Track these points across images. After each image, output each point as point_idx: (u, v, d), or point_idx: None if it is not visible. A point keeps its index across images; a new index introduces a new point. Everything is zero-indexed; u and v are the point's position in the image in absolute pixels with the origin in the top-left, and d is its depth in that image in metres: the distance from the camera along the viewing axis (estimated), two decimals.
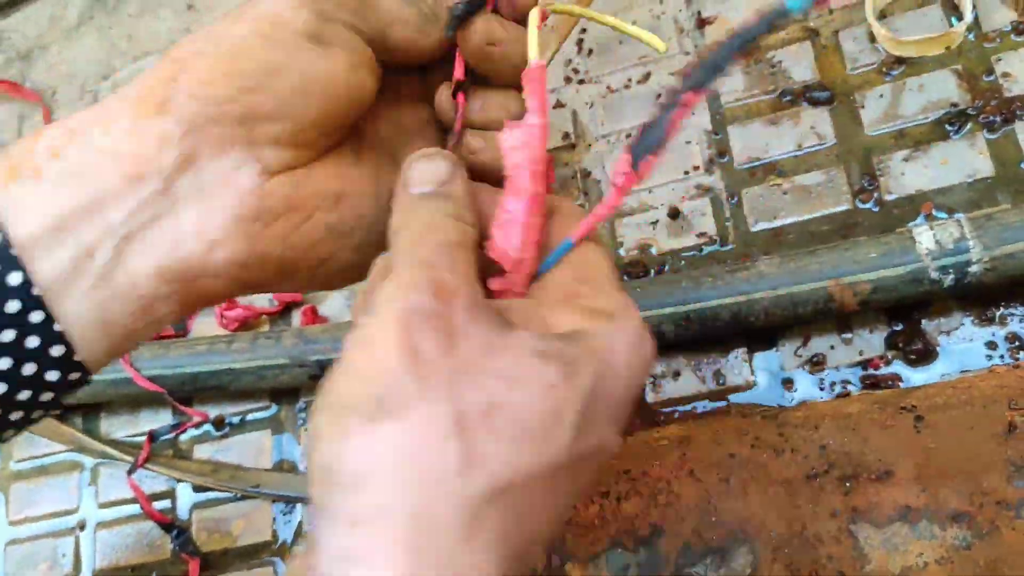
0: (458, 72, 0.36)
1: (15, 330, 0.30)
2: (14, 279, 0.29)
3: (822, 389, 0.52)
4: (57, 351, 0.31)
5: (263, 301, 0.66)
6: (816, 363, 0.52)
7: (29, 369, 0.31)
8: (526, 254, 0.33)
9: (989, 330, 0.50)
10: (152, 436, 0.64)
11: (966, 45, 0.56)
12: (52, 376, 0.31)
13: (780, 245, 0.56)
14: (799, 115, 0.58)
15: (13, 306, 0.30)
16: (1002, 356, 0.49)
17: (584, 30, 0.65)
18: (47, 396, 0.32)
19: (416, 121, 0.39)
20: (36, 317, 0.30)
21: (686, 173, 0.59)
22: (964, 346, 0.50)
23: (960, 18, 0.56)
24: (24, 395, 0.31)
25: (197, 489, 0.63)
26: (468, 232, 0.31)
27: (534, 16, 0.35)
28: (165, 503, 0.64)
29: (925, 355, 0.51)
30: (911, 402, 0.42)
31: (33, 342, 0.30)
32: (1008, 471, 0.37)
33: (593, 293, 0.31)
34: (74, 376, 0.32)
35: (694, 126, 0.60)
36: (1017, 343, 0.49)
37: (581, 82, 0.64)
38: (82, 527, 0.66)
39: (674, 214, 0.58)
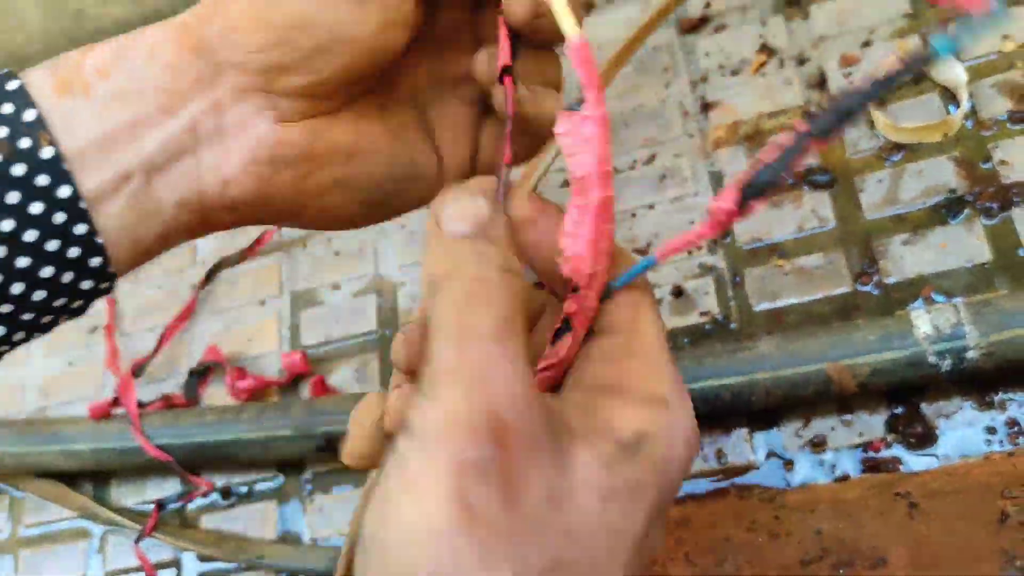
0: (504, 56, 0.33)
1: (59, 240, 0.31)
2: (63, 192, 0.31)
3: (823, 470, 0.52)
4: (95, 262, 0.32)
5: (273, 372, 0.67)
6: (817, 444, 0.53)
7: (67, 277, 0.32)
8: (599, 265, 0.29)
9: (988, 415, 0.50)
10: (160, 505, 0.65)
11: (964, 133, 0.57)
12: (86, 285, 0.33)
13: (782, 325, 0.56)
14: (800, 198, 0.59)
15: (60, 217, 0.31)
16: (1001, 441, 0.49)
17: None
18: (78, 303, 0.33)
19: (454, 73, 0.37)
20: (80, 229, 0.31)
21: (690, 253, 0.60)
22: (964, 431, 0.50)
23: (957, 106, 0.57)
24: (59, 302, 0.33)
25: (202, 559, 0.63)
26: (517, 286, 0.27)
27: None
28: (171, 572, 0.64)
29: (925, 439, 0.51)
30: (906, 488, 0.42)
31: (74, 252, 0.31)
32: (1001, 561, 0.37)
33: (646, 370, 0.28)
34: (104, 285, 0.33)
35: (698, 207, 0.61)
36: (1016, 428, 0.49)
37: None
38: None
39: (678, 293, 0.59)
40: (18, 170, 0.30)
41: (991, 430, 0.50)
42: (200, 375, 0.68)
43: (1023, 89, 0.56)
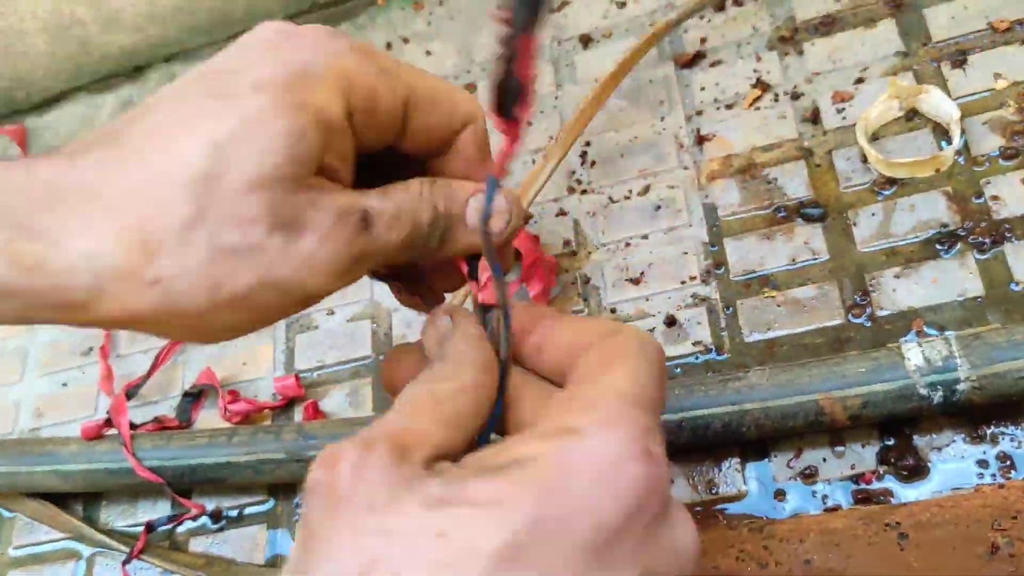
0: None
1: None
2: None
3: (814, 501, 0.52)
4: None
5: (267, 396, 0.67)
6: (808, 475, 0.52)
7: None
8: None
9: (980, 448, 0.50)
10: (149, 527, 0.64)
11: (956, 168, 0.57)
12: None
13: (774, 356, 0.56)
14: (793, 230, 0.59)
15: None
16: (993, 475, 0.49)
17: (588, 143, 0.68)
18: None
19: None
20: None
21: (683, 283, 0.60)
22: (955, 464, 0.50)
23: (950, 142, 0.58)
24: None
25: None
26: (439, 387, 0.31)
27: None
28: None
29: (917, 471, 0.51)
30: (896, 519, 0.42)
31: None
32: None
33: (580, 405, 0.28)
34: None
35: (692, 238, 0.62)
36: (1008, 462, 0.49)
37: (584, 192, 0.66)
38: None
39: (671, 322, 0.59)
40: None
41: (983, 463, 0.50)
42: (194, 398, 0.68)
43: (1015, 126, 0.57)
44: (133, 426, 0.66)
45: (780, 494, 0.53)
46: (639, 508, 0.25)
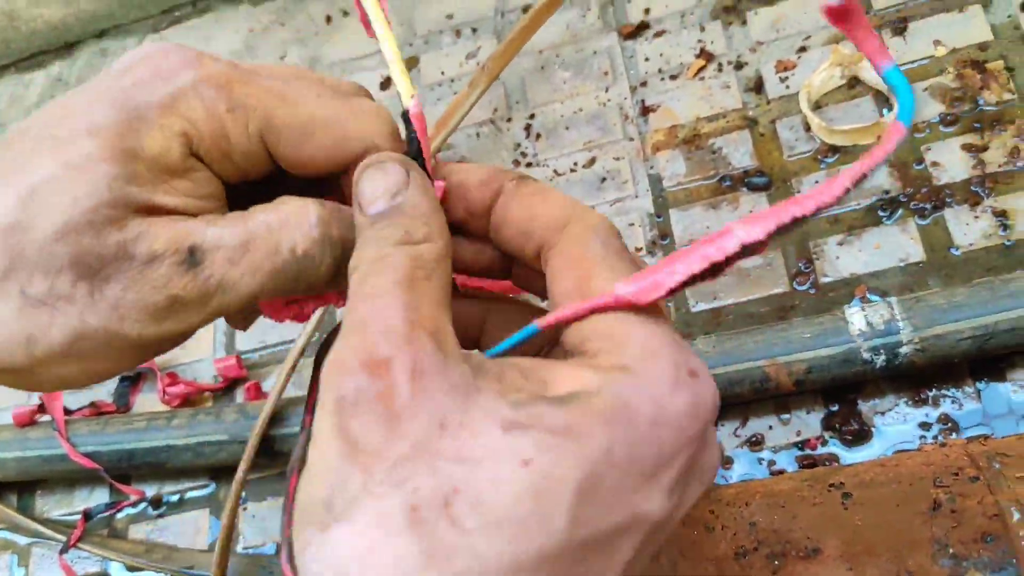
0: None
1: None
2: None
3: (760, 468, 0.52)
4: None
5: (208, 378, 0.65)
6: (755, 443, 0.53)
7: None
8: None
9: (922, 411, 0.51)
10: (87, 515, 0.63)
11: None
12: None
13: (720, 325, 0.56)
14: (738, 199, 0.59)
15: None
16: (936, 436, 0.49)
17: (533, 115, 0.67)
18: None
19: None
20: None
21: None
22: (898, 427, 0.51)
23: (891, 109, 0.58)
24: None
25: (130, 569, 0.61)
26: (424, 252, 0.28)
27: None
28: None
29: (860, 436, 0.51)
30: (840, 479, 0.42)
31: None
32: (932, 549, 0.37)
33: (612, 347, 0.26)
34: None
35: (638, 209, 0.61)
36: (949, 424, 0.50)
37: (529, 165, 0.65)
38: None
39: None
40: None
41: (925, 426, 0.50)
42: (131, 382, 0.67)
43: (954, 93, 0.57)
44: (68, 411, 0.64)
45: (727, 462, 0.53)
46: (694, 434, 0.25)
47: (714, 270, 0.25)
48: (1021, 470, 0.39)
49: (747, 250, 0.25)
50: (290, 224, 0.30)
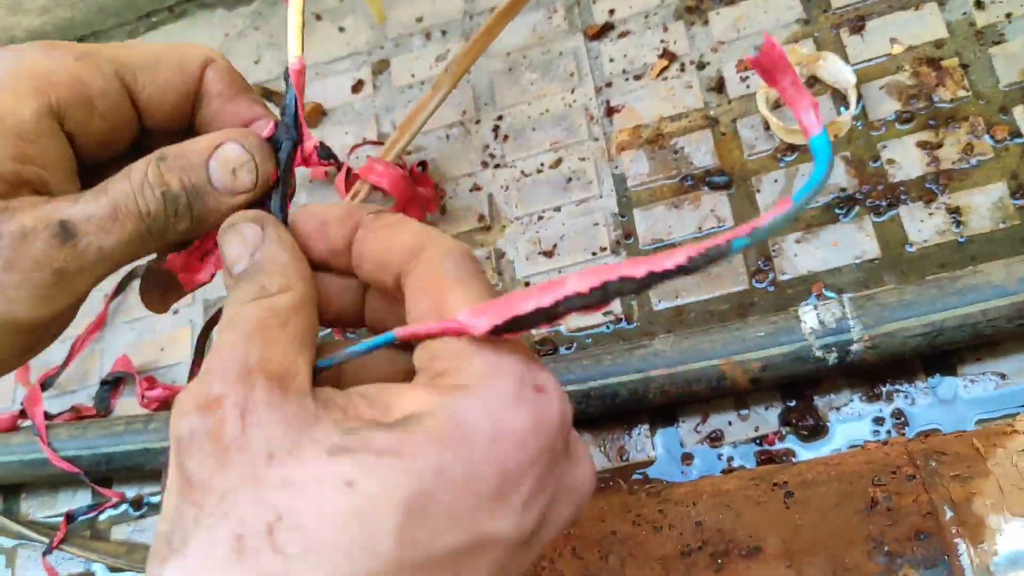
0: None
1: None
2: None
3: (719, 464, 0.53)
4: None
5: (185, 381, 0.67)
6: (714, 439, 0.54)
7: None
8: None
9: (876, 406, 0.52)
10: (69, 517, 0.64)
11: (854, 133, 0.58)
12: None
13: (682, 323, 0.57)
14: (700, 199, 0.60)
15: None
16: (888, 431, 0.51)
17: (500, 117, 0.68)
18: None
19: None
20: None
21: (594, 254, 0.61)
22: (853, 423, 0.52)
23: (847, 107, 0.59)
24: None
25: (113, 570, 0.63)
26: (278, 302, 0.28)
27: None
28: None
29: (816, 431, 0.52)
30: (784, 478, 0.43)
31: None
32: (868, 547, 0.38)
33: (457, 365, 0.26)
34: None
35: (602, 209, 0.62)
36: (902, 419, 0.51)
37: (496, 166, 0.66)
38: None
39: None
40: None
41: (879, 420, 0.51)
42: (111, 386, 0.68)
43: (910, 90, 0.58)
44: (49, 416, 0.66)
45: (687, 458, 0.54)
46: (540, 450, 0.25)
47: (548, 315, 0.25)
48: (956, 468, 0.40)
49: (578, 300, 0.25)
50: (151, 184, 0.30)
